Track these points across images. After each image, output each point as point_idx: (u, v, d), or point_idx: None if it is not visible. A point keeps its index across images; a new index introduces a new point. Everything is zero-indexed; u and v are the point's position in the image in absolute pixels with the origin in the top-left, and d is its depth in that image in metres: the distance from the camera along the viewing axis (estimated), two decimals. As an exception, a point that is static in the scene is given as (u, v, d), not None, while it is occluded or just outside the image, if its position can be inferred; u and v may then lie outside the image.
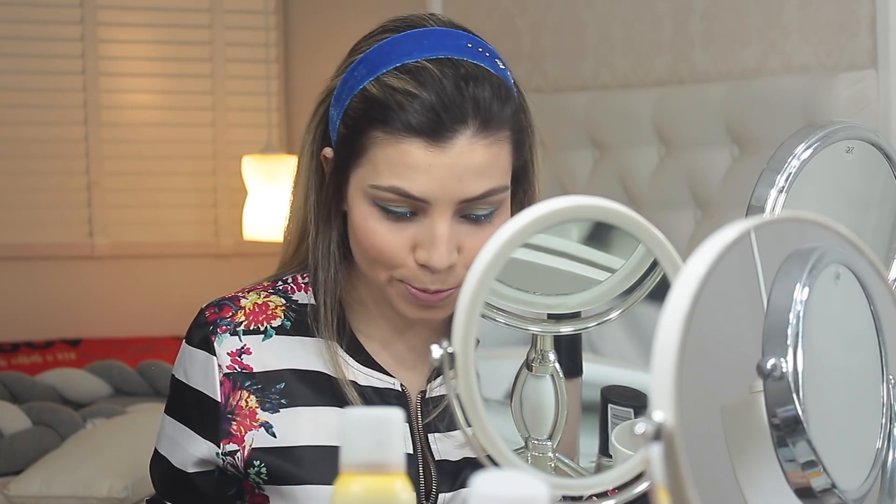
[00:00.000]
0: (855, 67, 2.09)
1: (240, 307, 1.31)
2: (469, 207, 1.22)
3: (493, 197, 1.22)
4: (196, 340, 1.30)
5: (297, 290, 1.33)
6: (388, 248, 1.22)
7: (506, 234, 0.96)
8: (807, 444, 0.83)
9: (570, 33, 2.79)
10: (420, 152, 1.19)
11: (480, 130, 1.21)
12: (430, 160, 1.19)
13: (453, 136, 1.20)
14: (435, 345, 0.96)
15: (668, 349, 0.76)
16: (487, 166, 1.21)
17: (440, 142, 1.19)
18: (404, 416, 0.94)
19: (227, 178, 4.21)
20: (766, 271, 0.85)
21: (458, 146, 1.20)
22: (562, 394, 1.13)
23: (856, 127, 1.36)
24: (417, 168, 1.20)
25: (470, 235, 1.22)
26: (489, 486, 0.72)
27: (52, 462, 2.79)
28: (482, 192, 1.21)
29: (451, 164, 1.19)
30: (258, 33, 4.30)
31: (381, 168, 1.21)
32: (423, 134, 1.19)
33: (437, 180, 1.20)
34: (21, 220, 4.09)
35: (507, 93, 1.24)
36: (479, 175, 1.21)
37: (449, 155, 1.19)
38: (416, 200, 1.20)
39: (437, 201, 1.20)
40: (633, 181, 2.52)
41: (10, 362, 3.71)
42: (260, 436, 1.27)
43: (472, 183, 1.20)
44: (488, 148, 1.21)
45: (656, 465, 0.74)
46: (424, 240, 1.21)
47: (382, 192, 1.21)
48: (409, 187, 1.20)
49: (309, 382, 1.29)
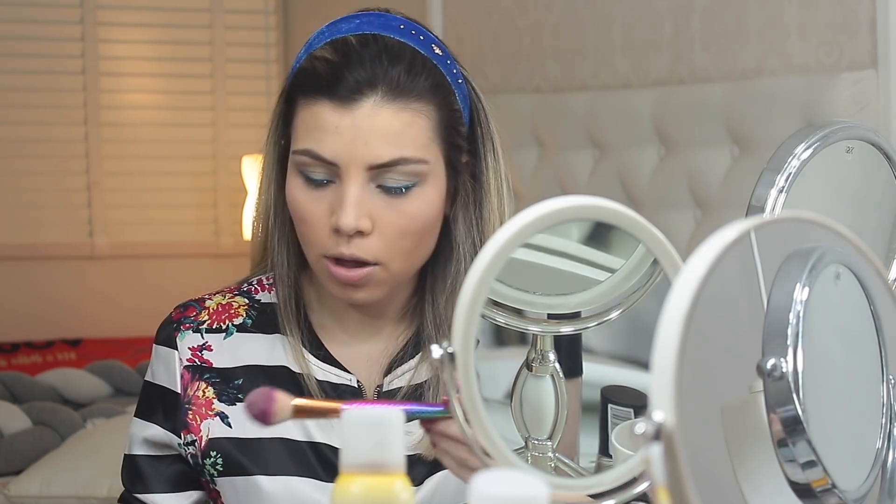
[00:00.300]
0: (855, 67, 2.09)
1: (204, 307, 1.36)
2: (381, 175, 1.24)
3: (405, 167, 1.24)
4: (161, 338, 1.36)
5: (262, 290, 1.38)
6: (308, 217, 1.26)
7: (506, 234, 0.96)
8: (807, 444, 0.83)
9: (570, 33, 2.79)
10: (328, 113, 1.23)
11: (388, 96, 1.23)
12: (338, 121, 1.23)
13: (359, 99, 1.23)
14: (435, 345, 0.96)
15: (668, 349, 0.76)
16: (397, 134, 1.23)
17: (346, 103, 1.23)
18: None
19: (227, 178, 4.21)
20: (766, 271, 0.85)
21: (365, 108, 1.23)
22: (562, 394, 1.13)
23: (856, 127, 1.36)
24: (326, 129, 1.23)
25: (386, 209, 1.24)
26: (489, 486, 0.72)
27: (52, 462, 2.79)
28: (390, 158, 1.23)
29: (357, 127, 1.23)
30: (258, 33, 4.30)
31: (300, 132, 1.26)
32: (330, 95, 1.23)
33: (345, 143, 1.23)
34: (21, 220, 4.09)
35: (424, 68, 1.26)
36: (386, 140, 1.23)
37: (355, 116, 1.23)
38: (327, 163, 1.24)
39: (345, 164, 1.23)
40: (633, 181, 2.52)
41: (10, 362, 3.71)
42: (216, 425, 1.31)
43: (379, 147, 1.23)
44: (397, 114, 1.23)
45: (656, 465, 0.74)
46: (336, 204, 1.24)
47: (299, 155, 1.25)
48: (319, 149, 1.24)
49: (268, 377, 1.32)
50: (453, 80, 1.29)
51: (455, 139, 1.29)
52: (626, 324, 1.12)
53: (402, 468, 0.81)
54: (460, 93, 1.30)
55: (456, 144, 1.29)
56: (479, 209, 1.32)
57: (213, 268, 4.17)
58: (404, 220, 1.25)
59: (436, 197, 1.27)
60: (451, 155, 1.29)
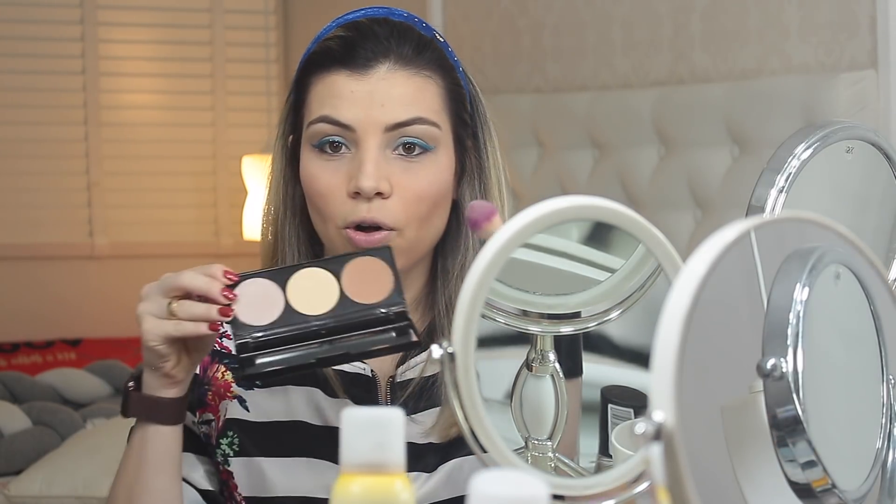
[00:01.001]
0: (855, 67, 2.09)
1: None
2: (398, 136, 1.28)
3: (421, 126, 1.29)
4: None
5: None
6: (327, 188, 1.28)
7: (506, 234, 0.96)
8: (807, 444, 0.83)
9: (570, 33, 2.79)
10: (343, 80, 1.28)
11: (399, 63, 1.29)
12: (353, 87, 1.28)
13: (374, 65, 1.29)
14: (435, 345, 0.97)
15: (668, 349, 0.76)
16: (411, 96, 1.29)
17: (360, 69, 1.28)
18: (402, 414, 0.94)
19: (227, 178, 4.21)
20: (766, 271, 0.85)
21: (378, 73, 1.28)
22: (562, 394, 1.13)
23: (856, 127, 1.36)
24: (342, 96, 1.28)
25: (404, 173, 1.28)
26: (489, 486, 0.72)
27: (52, 462, 2.79)
28: (408, 117, 1.28)
29: (373, 91, 1.28)
30: (258, 33, 4.30)
31: (314, 104, 1.30)
32: (347, 64, 1.28)
33: (361, 106, 1.27)
34: (21, 220, 4.09)
35: (430, 46, 1.32)
36: (402, 102, 1.28)
37: (369, 81, 1.28)
38: (344, 128, 1.28)
39: (362, 127, 1.27)
40: (633, 181, 2.53)
41: (10, 362, 3.71)
42: (234, 407, 1.33)
43: (395, 108, 1.28)
44: (410, 78, 1.29)
45: (656, 465, 0.74)
46: (355, 170, 1.27)
47: (315, 124, 1.29)
48: (335, 114, 1.28)
49: None
50: (455, 65, 1.35)
51: (462, 114, 1.34)
52: (644, 318, 1.12)
53: (402, 468, 0.81)
54: (462, 77, 1.35)
55: (462, 119, 1.34)
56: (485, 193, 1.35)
57: (213, 268, 4.17)
58: (421, 183, 1.29)
59: (447, 166, 1.32)
60: (459, 129, 1.34)
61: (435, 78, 1.31)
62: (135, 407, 1.26)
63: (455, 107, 1.33)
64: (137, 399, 1.26)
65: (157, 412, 1.25)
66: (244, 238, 3.90)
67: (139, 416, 1.27)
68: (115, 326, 4.05)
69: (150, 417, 1.26)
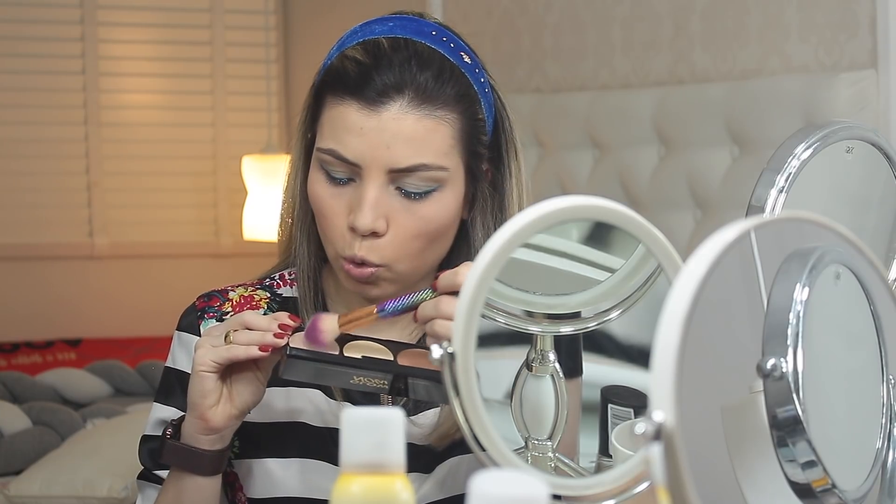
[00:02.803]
0: (855, 67, 2.09)
1: (227, 298, 1.38)
2: (400, 179, 1.26)
3: (425, 173, 1.26)
4: (184, 325, 1.38)
5: (283, 284, 1.40)
6: (328, 213, 1.28)
7: (506, 234, 0.96)
8: (807, 444, 0.83)
9: (570, 33, 2.79)
10: (354, 114, 1.26)
11: (414, 102, 1.26)
12: (363, 123, 1.25)
13: (386, 102, 1.25)
14: (435, 345, 0.97)
15: (668, 349, 0.76)
16: (419, 140, 1.26)
17: (372, 105, 1.25)
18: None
19: (227, 178, 4.21)
20: (766, 271, 0.85)
21: (390, 112, 1.25)
22: (562, 394, 1.13)
23: (856, 127, 1.36)
24: (351, 130, 1.26)
25: (402, 212, 1.27)
26: (489, 486, 0.72)
27: (52, 462, 2.79)
28: (411, 164, 1.26)
29: (381, 130, 1.25)
30: (258, 33, 4.30)
31: (325, 130, 1.28)
32: (358, 96, 1.26)
33: (368, 144, 1.25)
34: (21, 220, 4.09)
35: (452, 76, 1.29)
36: (408, 145, 1.25)
37: (380, 119, 1.25)
38: (349, 164, 1.26)
39: (367, 166, 1.26)
40: (633, 181, 2.52)
41: (10, 362, 3.71)
42: None
43: (400, 152, 1.25)
44: (420, 121, 1.26)
45: (656, 465, 0.74)
46: (355, 203, 1.27)
47: (323, 154, 1.28)
48: (342, 150, 1.26)
49: None
50: (480, 89, 1.32)
51: (476, 147, 1.31)
52: (644, 318, 1.12)
53: (402, 468, 0.81)
54: (486, 101, 1.33)
55: (477, 153, 1.32)
56: (501, 214, 1.35)
57: (213, 268, 4.17)
58: (419, 223, 1.27)
59: (453, 202, 1.30)
60: (472, 162, 1.31)
61: (450, 117, 1.28)
62: (170, 455, 1.25)
63: (469, 142, 1.30)
64: (173, 448, 1.25)
65: (194, 463, 1.24)
66: (244, 238, 3.90)
67: (174, 465, 1.26)
68: (115, 326, 4.05)
69: (187, 468, 1.25)
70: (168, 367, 1.39)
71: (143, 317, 4.06)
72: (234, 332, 1.21)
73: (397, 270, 1.29)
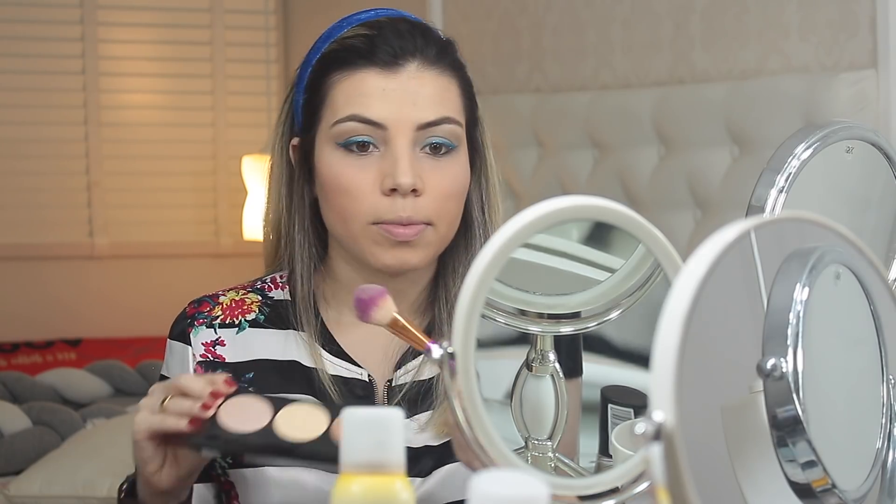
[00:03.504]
0: (855, 67, 2.09)
1: (217, 303, 1.38)
2: (427, 136, 1.29)
3: (449, 126, 1.30)
4: (175, 333, 1.38)
5: (275, 288, 1.40)
6: (355, 186, 1.28)
7: (506, 234, 0.96)
8: (807, 444, 0.83)
9: (570, 33, 2.79)
10: (374, 78, 1.28)
11: (425, 63, 1.30)
12: (384, 84, 1.28)
13: (404, 63, 1.29)
14: (435, 345, 0.97)
15: (668, 349, 0.76)
16: (439, 95, 1.30)
17: (391, 67, 1.28)
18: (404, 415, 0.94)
19: (227, 178, 4.21)
20: (766, 271, 0.85)
21: (409, 71, 1.29)
22: (562, 394, 1.13)
23: (856, 127, 1.36)
24: (372, 94, 1.28)
25: (432, 170, 1.29)
26: (489, 486, 0.72)
27: (52, 462, 2.79)
28: (437, 117, 1.29)
29: (404, 89, 1.28)
30: (258, 33, 4.30)
31: (340, 103, 1.29)
32: (376, 61, 1.28)
33: (393, 103, 1.28)
34: (21, 220, 4.09)
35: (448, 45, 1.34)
36: (432, 101, 1.29)
37: (400, 79, 1.28)
38: (375, 126, 1.28)
39: (394, 125, 1.28)
40: (633, 181, 2.52)
41: (10, 362, 3.71)
42: None
43: (427, 108, 1.28)
44: (437, 78, 1.30)
45: (656, 465, 0.74)
46: (388, 167, 1.27)
47: (343, 123, 1.29)
48: (366, 112, 1.28)
49: (279, 371, 1.34)
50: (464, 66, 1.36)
51: (473, 113, 1.35)
52: (644, 318, 1.12)
53: (402, 468, 0.81)
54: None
55: (474, 118, 1.36)
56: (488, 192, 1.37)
57: (213, 268, 4.17)
58: (448, 181, 1.30)
59: (466, 164, 1.33)
60: (472, 128, 1.35)
61: (455, 78, 1.32)
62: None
63: (470, 106, 1.34)
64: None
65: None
66: (244, 238, 3.90)
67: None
68: (115, 326, 4.05)
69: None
70: (163, 376, 1.38)
71: (143, 317, 4.06)
72: (171, 398, 1.18)
73: (441, 233, 1.30)
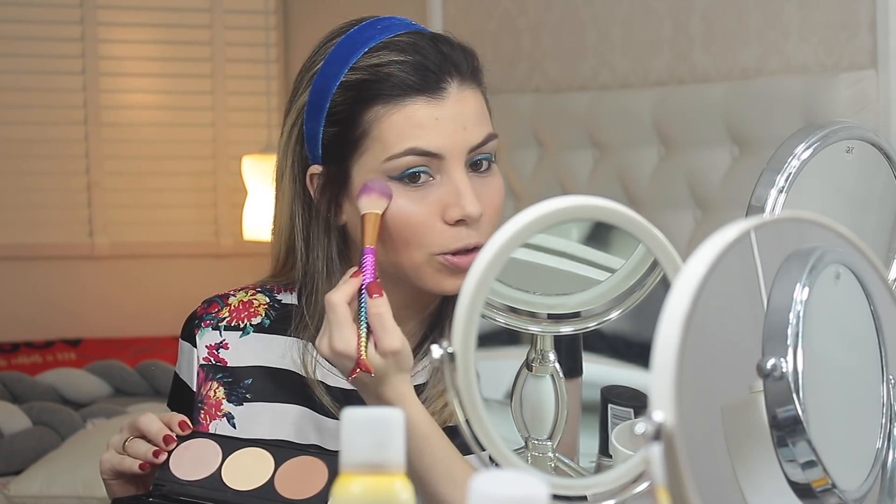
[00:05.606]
0: (855, 67, 2.09)
1: (226, 304, 1.37)
2: (475, 156, 1.28)
3: (492, 143, 1.30)
4: (184, 334, 1.38)
5: (284, 290, 1.38)
6: (417, 219, 1.26)
7: (506, 234, 0.96)
8: (807, 444, 0.83)
9: (570, 33, 2.79)
10: (424, 109, 1.26)
11: (461, 80, 1.28)
12: (436, 114, 1.26)
13: (445, 88, 1.27)
14: (435, 345, 0.97)
15: (668, 349, 0.76)
16: (480, 113, 1.29)
17: (438, 94, 1.27)
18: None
19: (227, 178, 4.21)
20: (766, 271, 0.85)
21: (453, 96, 1.27)
22: (562, 394, 1.13)
23: (856, 127, 1.36)
24: (425, 125, 1.26)
25: (482, 189, 1.28)
26: (489, 486, 0.72)
27: (52, 462, 2.79)
28: (484, 136, 1.28)
29: (454, 115, 1.26)
30: (258, 33, 4.30)
31: (391, 138, 1.26)
32: (422, 91, 1.26)
33: (446, 131, 1.26)
34: (21, 220, 4.09)
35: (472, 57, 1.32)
36: (477, 121, 1.28)
37: (447, 105, 1.27)
38: (432, 157, 1.26)
39: (449, 153, 1.26)
40: (633, 181, 2.53)
41: (10, 362, 3.71)
42: (222, 425, 1.33)
43: (474, 130, 1.28)
44: (474, 95, 1.30)
45: (656, 465, 0.74)
46: (449, 198, 1.26)
47: (400, 158, 1.26)
48: (424, 145, 1.25)
49: (277, 379, 1.33)
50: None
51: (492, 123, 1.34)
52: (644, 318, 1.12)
53: (402, 468, 0.81)
54: None
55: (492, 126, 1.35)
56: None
57: (213, 268, 4.17)
58: (496, 195, 1.30)
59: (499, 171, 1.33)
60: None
61: (482, 90, 1.32)
62: None
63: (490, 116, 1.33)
64: None
65: None
66: (244, 238, 3.90)
67: None
68: (115, 326, 4.05)
69: None
70: (176, 374, 1.39)
71: (143, 317, 4.06)
72: (131, 439, 1.24)
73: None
